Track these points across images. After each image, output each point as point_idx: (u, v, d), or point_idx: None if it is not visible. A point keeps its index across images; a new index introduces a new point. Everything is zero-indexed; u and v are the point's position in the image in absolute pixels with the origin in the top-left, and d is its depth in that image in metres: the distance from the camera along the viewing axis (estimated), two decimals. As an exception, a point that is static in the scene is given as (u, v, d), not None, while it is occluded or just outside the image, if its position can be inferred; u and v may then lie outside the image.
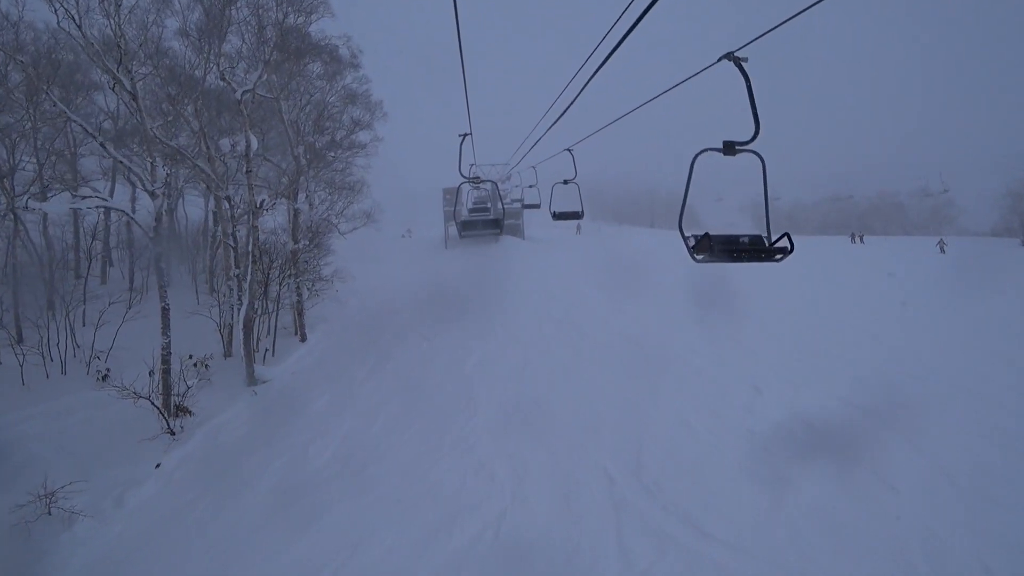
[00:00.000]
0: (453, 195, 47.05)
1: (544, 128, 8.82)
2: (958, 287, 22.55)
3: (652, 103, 6.28)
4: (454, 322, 22.94)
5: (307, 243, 22.76)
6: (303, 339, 22.54)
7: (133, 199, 32.99)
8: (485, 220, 15.78)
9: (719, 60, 4.05)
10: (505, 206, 24.63)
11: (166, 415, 16.11)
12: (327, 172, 26.13)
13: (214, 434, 16.01)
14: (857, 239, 49.08)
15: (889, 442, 11.13)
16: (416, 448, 12.85)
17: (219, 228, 27.47)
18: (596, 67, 5.18)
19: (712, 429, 12.46)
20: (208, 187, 21.28)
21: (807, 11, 3.86)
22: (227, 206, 20.65)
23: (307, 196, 23.21)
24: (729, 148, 4.12)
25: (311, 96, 24.23)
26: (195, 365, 19.61)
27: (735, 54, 4.04)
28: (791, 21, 4.01)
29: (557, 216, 11.35)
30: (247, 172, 17.16)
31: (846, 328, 18.59)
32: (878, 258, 32.79)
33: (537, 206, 15.92)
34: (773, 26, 4.17)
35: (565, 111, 7.20)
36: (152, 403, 15.78)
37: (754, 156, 4.30)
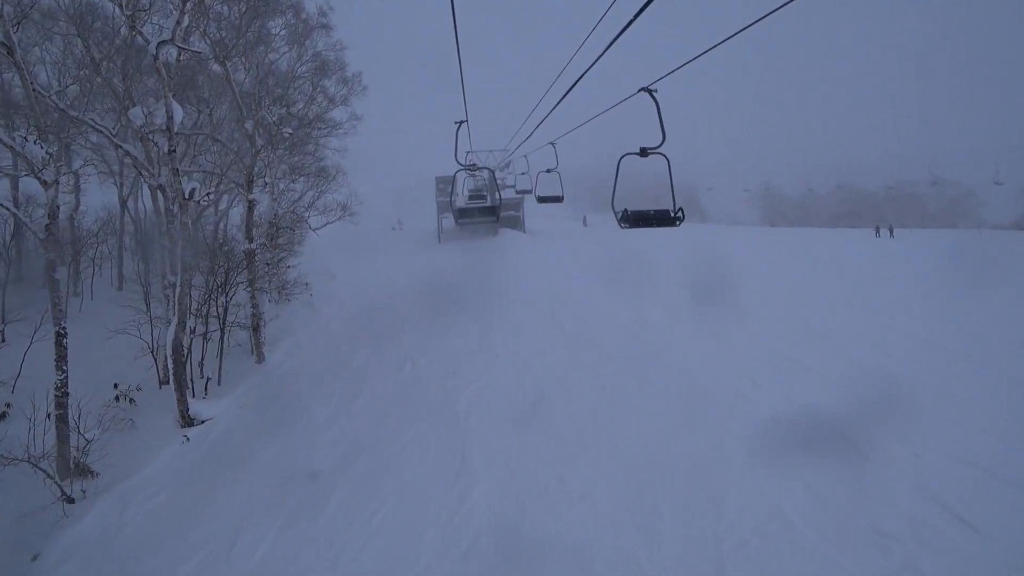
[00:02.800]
0: (447, 184, 43.05)
1: (544, 111, 8.07)
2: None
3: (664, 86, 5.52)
4: (446, 337, 18.90)
5: (264, 242, 18.51)
6: (260, 360, 18.40)
7: (76, 189, 28.66)
8: (482, 208, 13.97)
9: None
10: (504, 196, 21.61)
11: (57, 480, 12.03)
12: (296, 156, 21.86)
13: (121, 505, 11.92)
14: (885, 232, 44.34)
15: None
16: (381, 555, 8.80)
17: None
18: (602, 49, 4.81)
19: (819, 525, 8.45)
20: (140, 173, 17.03)
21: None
22: (161, 197, 16.47)
23: (266, 184, 18.98)
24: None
25: (271, 64, 19.93)
26: (117, 399, 15.55)
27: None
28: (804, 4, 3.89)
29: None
30: (170, 152, 12.98)
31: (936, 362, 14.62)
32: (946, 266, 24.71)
33: (531, 192, 14.83)
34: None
35: (569, 90, 6.46)
36: (35, 466, 11.70)
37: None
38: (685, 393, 12.75)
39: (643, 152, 5.14)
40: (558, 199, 11.72)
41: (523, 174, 17.59)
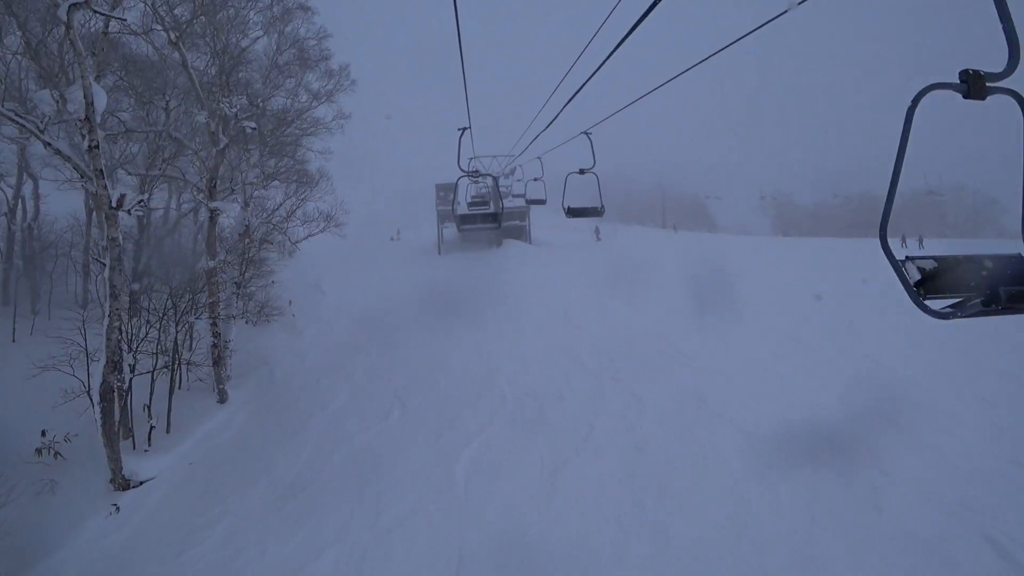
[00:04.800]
0: (448, 191, 40.30)
1: (549, 116, 7.54)
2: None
3: (662, 91, 5.58)
4: (443, 370, 16.18)
5: (227, 259, 15.68)
6: (223, 399, 15.53)
7: (36, 195, 25.97)
8: (484, 214, 13.80)
9: None
10: (507, 204, 19.51)
11: (-72, 575, 9.20)
12: (272, 159, 19.11)
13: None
14: (912, 242, 40.92)
15: None
16: None
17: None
18: (611, 49, 4.41)
19: None
20: (81, 173, 14.25)
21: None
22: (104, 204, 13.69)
23: (235, 190, 16.20)
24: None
25: (243, 51, 17.21)
26: (39, 451, 12.69)
27: None
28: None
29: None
30: (90, 149, 10.26)
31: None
32: None
33: (543, 201, 14.37)
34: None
35: (576, 93, 6.14)
36: None
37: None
38: (744, 457, 9.89)
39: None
40: (596, 212, 9.01)
41: (535, 180, 14.90)
